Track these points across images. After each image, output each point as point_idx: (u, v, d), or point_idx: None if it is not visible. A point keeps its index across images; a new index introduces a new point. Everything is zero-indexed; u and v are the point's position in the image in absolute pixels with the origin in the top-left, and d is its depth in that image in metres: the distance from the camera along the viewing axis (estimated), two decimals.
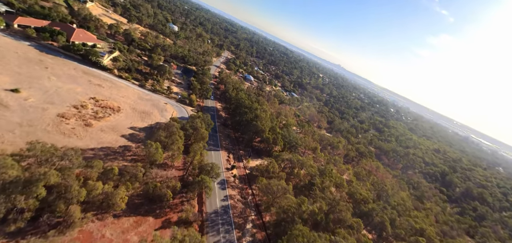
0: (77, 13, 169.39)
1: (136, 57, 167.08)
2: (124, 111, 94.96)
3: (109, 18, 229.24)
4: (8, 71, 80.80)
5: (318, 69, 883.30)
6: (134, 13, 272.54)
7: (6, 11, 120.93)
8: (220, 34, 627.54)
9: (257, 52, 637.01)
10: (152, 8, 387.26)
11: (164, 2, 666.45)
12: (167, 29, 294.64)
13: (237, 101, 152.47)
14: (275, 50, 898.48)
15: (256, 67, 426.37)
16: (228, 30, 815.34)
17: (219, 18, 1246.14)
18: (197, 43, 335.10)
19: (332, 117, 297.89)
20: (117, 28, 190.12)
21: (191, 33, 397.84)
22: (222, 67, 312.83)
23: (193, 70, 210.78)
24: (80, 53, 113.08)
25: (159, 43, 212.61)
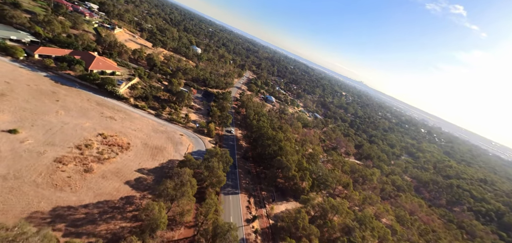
0: (103, 40, 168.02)
1: (156, 82, 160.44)
2: (134, 148, 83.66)
3: (135, 43, 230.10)
4: (12, 107, 73.09)
5: (341, 87, 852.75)
6: (159, 37, 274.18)
7: (31, 41, 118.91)
8: (242, 54, 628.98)
9: (278, 71, 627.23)
10: (178, 32, 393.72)
11: (190, 25, 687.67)
12: (190, 52, 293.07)
13: (258, 130, 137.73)
14: (296, 68, 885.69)
15: (278, 87, 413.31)
16: (249, 50, 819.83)
17: (241, 38, 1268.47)
18: (219, 64, 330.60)
19: (359, 141, 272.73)
20: (141, 53, 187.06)
21: (213, 55, 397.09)
22: (243, 88, 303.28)
23: (213, 94, 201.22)
24: (96, 83, 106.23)
25: (181, 67, 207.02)
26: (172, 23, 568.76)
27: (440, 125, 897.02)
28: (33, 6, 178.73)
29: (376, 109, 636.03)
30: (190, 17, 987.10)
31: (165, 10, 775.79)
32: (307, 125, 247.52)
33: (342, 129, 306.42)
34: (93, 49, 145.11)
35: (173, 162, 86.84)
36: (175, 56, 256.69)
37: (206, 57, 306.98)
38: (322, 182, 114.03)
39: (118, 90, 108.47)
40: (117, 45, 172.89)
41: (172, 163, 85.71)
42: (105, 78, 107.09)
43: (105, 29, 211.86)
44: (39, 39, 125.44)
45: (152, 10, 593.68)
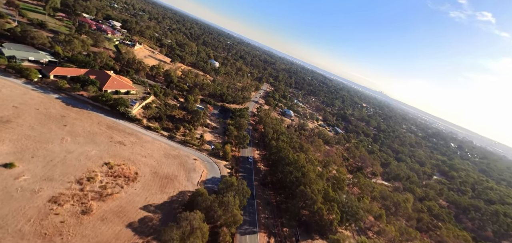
0: (122, 57, 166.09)
1: (171, 100, 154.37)
2: (142, 178, 74.86)
3: (154, 58, 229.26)
4: (15, 136, 67.19)
5: (361, 98, 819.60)
6: (178, 52, 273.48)
7: (49, 61, 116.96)
8: (259, 66, 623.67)
9: (296, 83, 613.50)
10: (197, 46, 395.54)
11: (209, 39, 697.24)
12: (208, 66, 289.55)
13: (278, 151, 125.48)
14: (313, 79, 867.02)
15: (296, 100, 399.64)
16: (267, 61, 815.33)
17: (258, 50, 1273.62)
18: (237, 78, 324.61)
19: (385, 158, 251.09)
20: (158, 69, 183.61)
21: (231, 68, 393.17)
22: (261, 101, 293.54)
23: (230, 110, 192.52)
24: (108, 104, 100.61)
25: (198, 82, 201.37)
26: (192, 38, 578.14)
27: (470, 138, 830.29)
28: (58, 26, 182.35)
29: (400, 121, 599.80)
30: (209, 31, 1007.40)
31: (186, 25, 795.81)
32: (329, 142, 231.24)
33: (366, 144, 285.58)
34: (110, 68, 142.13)
35: (184, 194, 76.92)
36: (193, 71, 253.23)
37: (223, 71, 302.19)
38: (352, 215, 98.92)
39: (131, 112, 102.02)
40: (135, 62, 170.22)
41: (183, 196, 75.79)
42: (118, 99, 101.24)
43: (125, 46, 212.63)
44: (58, 59, 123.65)
45: (173, 26, 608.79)
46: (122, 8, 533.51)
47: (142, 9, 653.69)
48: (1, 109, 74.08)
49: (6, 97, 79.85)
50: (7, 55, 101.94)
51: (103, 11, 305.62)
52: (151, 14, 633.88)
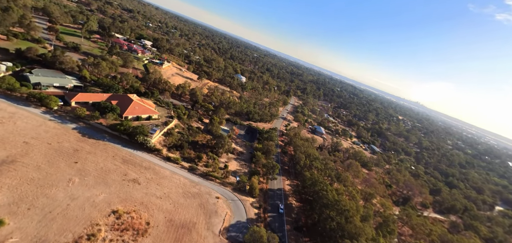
0: (147, 78, 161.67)
1: (196, 121, 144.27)
2: (154, 230, 62.00)
3: (181, 76, 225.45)
4: (16, 180, 58.70)
5: (395, 110, 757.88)
6: (205, 69, 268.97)
7: (74, 86, 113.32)
8: (286, 78, 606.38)
9: (325, 95, 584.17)
10: (224, 61, 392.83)
11: (236, 52, 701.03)
12: (235, 81, 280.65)
13: (313, 184, 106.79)
14: (343, 90, 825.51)
15: (326, 114, 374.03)
16: (293, 73, 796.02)
17: (285, 61, 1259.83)
18: (264, 93, 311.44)
19: (434, 183, 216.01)
20: (184, 88, 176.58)
21: (257, 82, 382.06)
22: (289, 117, 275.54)
23: (257, 131, 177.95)
24: (127, 133, 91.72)
25: (224, 100, 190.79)
26: (219, 52, 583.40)
27: None
28: (92, 48, 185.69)
29: (443, 136, 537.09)
30: (237, 45, 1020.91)
31: (215, 40, 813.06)
32: (367, 164, 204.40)
33: (408, 165, 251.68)
34: (135, 90, 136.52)
35: None
36: (219, 88, 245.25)
37: (250, 86, 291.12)
38: None
39: (149, 142, 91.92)
40: (161, 82, 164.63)
41: None
42: (137, 127, 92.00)
43: (154, 65, 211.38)
44: (83, 83, 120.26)
45: (202, 41, 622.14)
46: (156, 26, 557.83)
47: (174, 26, 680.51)
48: (10, 146, 67.14)
49: (20, 131, 73.58)
50: (33, 82, 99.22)
51: (137, 30, 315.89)
52: (182, 31, 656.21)
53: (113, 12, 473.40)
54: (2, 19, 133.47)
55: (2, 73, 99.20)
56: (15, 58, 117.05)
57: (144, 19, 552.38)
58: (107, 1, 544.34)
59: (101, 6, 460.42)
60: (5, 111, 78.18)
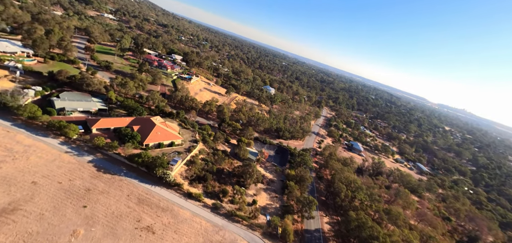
0: (174, 96, 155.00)
1: (222, 143, 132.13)
2: None
3: (209, 91, 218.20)
4: (12, 236, 49.90)
5: (440, 119, 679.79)
6: (233, 82, 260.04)
7: (99, 109, 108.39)
8: (316, 87, 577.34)
9: (358, 104, 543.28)
10: (252, 71, 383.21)
11: (264, 61, 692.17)
12: (263, 94, 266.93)
13: (359, 228, 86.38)
14: (378, 98, 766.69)
15: (362, 126, 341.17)
16: (324, 81, 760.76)
17: (314, 68, 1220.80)
18: (294, 105, 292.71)
19: (503, 214, 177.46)
20: (211, 105, 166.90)
21: (287, 93, 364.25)
22: (322, 132, 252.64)
23: (288, 152, 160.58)
24: (145, 164, 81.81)
25: (253, 117, 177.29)
26: (248, 62, 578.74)
27: None
28: (123, 66, 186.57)
29: (502, 150, 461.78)
30: (265, 53, 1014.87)
31: (244, 50, 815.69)
32: (416, 190, 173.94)
33: (465, 189, 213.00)
34: (160, 110, 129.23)
35: None
36: (247, 101, 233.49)
37: (279, 98, 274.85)
38: None
39: (169, 175, 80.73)
40: (188, 99, 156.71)
41: None
42: (156, 158, 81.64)
43: (182, 80, 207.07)
44: (108, 105, 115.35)
45: (231, 52, 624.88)
46: (188, 39, 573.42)
47: (205, 38, 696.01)
48: (16, 188, 59.81)
49: (31, 168, 66.85)
50: (58, 107, 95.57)
51: (169, 45, 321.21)
52: (213, 42, 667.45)
53: (149, 28, 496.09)
54: (40, 43, 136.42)
55: (30, 98, 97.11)
56: (47, 81, 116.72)
57: (177, 33, 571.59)
58: (145, 18, 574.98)
59: (139, 23, 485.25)
60: (21, 144, 72.91)
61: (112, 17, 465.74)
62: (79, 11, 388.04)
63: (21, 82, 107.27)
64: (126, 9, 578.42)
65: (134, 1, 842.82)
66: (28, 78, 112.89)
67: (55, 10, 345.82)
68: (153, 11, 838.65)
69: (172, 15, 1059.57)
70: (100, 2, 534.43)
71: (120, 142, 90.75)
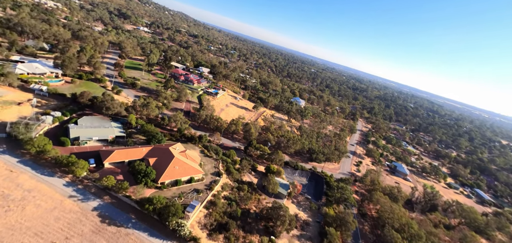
0: (197, 116, 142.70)
1: (248, 172, 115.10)
2: None
3: (236, 106, 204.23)
4: None
5: (494, 130, 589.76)
6: (261, 95, 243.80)
7: (116, 137, 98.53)
8: (348, 95, 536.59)
9: (396, 114, 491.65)
10: (281, 82, 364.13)
11: (293, 69, 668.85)
12: (293, 107, 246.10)
13: None
14: (418, 107, 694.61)
15: (404, 142, 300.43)
16: (356, 88, 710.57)
17: (345, 74, 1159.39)
18: (326, 118, 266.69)
19: None
20: (237, 125, 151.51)
21: (318, 105, 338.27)
22: (358, 151, 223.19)
23: (323, 180, 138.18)
24: (157, 212, 67.77)
25: (282, 138, 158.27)
26: (276, 70, 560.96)
27: None
28: (150, 82, 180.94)
29: None
30: (293, 60, 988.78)
31: (271, 57, 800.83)
32: (484, 231, 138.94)
33: None
34: (180, 135, 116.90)
35: None
36: (276, 117, 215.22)
37: (310, 112, 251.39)
38: None
39: (184, 228, 65.55)
40: (212, 119, 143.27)
41: None
42: (169, 206, 67.15)
43: (208, 95, 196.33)
44: (127, 130, 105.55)
45: (259, 60, 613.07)
46: (217, 49, 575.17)
47: (234, 47, 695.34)
48: None
49: (24, 222, 56.01)
50: (72, 136, 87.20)
51: (198, 57, 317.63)
52: (241, 51, 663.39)
53: (180, 39, 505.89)
54: (69, 63, 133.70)
55: (47, 126, 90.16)
56: (70, 104, 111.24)
57: (206, 43, 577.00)
58: (177, 30, 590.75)
59: (171, 35, 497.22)
60: (22, 188, 63.34)
61: (147, 30, 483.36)
62: (118, 26, 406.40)
63: (43, 107, 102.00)
64: (160, 22, 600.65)
65: (168, 14, 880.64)
66: (51, 102, 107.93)
67: (96, 26, 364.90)
68: (185, 22, 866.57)
69: (203, 25, 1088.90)
70: (137, 16, 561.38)
71: (134, 179, 78.27)
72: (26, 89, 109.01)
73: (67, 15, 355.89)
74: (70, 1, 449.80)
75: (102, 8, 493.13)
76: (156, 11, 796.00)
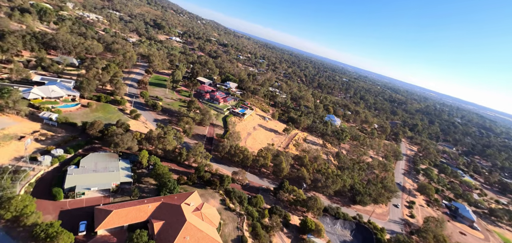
0: (221, 147, 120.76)
1: (280, 230, 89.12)
2: None
3: (264, 129, 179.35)
4: None
5: None
6: (292, 114, 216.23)
7: (121, 183, 79.46)
8: (386, 109, 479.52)
9: (442, 131, 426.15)
10: (313, 95, 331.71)
11: (323, 78, 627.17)
12: (328, 128, 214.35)
13: None
14: (466, 121, 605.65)
15: (460, 172, 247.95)
16: (393, 100, 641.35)
17: (379, 83, 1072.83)
18: (366, 141, 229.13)
19: None
20: (266, 158, 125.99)
21: (354, 122, 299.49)
22: (407, 185, 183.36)
23: (372, 237, 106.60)
24: None
25: (319, 175, 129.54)
26: (306, 81, 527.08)
27: None
28: (172, 102, 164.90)
29: None
30: (323, 68, 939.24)
31: (301, 65, 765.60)
32: None
33: None
34: (198, 178, 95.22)
35: None
36: (309, 140, 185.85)
37: (348, 134, 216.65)
38: None
39: None
40: (237, 151, 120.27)
41: None
42: None
43: (235, 116, 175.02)
44: (136, 174, 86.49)
45: (289, 70, 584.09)
46: (246, 58, 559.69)
47: (262, 56, 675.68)
48: None
49: None
50: (67, 186, 70.16)
51: (225, 69, 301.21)
52: (269, 60, 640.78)
53: (210, 48, 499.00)
54: (86, 84, 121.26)
55: (43, 170, 74.41)
56: (79, 135, 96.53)
57: (235, 53, 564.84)
58: (207, 39, 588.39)
59: (201, 44, 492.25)
60: None
61: (178, 40, 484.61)
62: (151, 37, 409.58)
63: (47, 141, 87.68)
64: (192, 31, 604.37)
65: (201, 23, 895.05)
66: (58, 133, 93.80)
67: (132, 37, 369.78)
68: (216, 31, 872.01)
69: (233, 34, 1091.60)
70: (170, 26, 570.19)
71: None
72: (35, 118, 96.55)
73: (106, 27, 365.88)
74: (111, 13, 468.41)
75: (139, 19, 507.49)
76: (189, 21, 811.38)
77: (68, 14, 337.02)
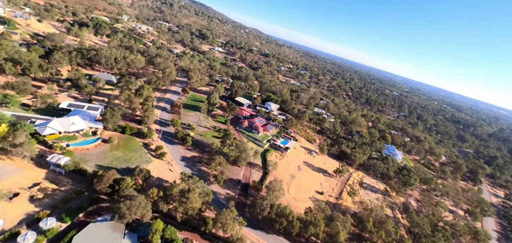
0: (257, 205, 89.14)
1: None
2: None
3: (311, 168, 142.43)
4: None
5: None
6: (344, 146, 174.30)
7: None
8: (451, 133, 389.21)
9: None
10: (364, 117, 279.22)
11: (371, 92, 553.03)
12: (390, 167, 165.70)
13: None
14: None
15: None
16: (456, 120, 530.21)
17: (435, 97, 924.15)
18: (439, 187, 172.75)
19: None
20: (317, 225, 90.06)
21: (417, 153, 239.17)
22: None
23: None
24: None
25: None
26: (353, 96, 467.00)
27: None
28: (206, 131, 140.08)
29: None
30: (370, 80, 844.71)
31: (345, 76, 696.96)
32: None
33: None
34: None
35: None
36: (366, 184, 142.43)
37: (417, 177, 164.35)
38: None
39: None
40: (279, 211, 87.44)
41: None
42: None
43: (276, 150, 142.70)
44: None
45: (333, 82, 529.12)
46: (287, 69, 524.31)
47: (305, 66, 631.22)
48: None
49: None
50: None
51: (266, 84, 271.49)
52: (312, 71, 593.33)
53: (251, 59, 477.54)
54: (110, 117, 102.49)
55: None
56: (87, 188, 75.58)
57: (277, 63, 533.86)
58: (249, 49, 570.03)
59: (243, 55, 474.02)
60: None
61: (221, 50, 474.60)
62: (195, 47, 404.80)
63: (42, 200, 67.63)
64: (234, 41, 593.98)
65: (243, 32, 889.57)
66: (61, 186, 73.92)
67: (176, 48, 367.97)
68: (258, 40, 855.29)
69: (275, 42, 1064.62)
70: (214, 36, 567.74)
71: None
72: (41, 163, 78.76)
73: (155, 38, 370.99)
74: (161, 24, 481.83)
75: (186, 30, 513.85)
76: (233, 30, 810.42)
77: (122, 27, 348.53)
